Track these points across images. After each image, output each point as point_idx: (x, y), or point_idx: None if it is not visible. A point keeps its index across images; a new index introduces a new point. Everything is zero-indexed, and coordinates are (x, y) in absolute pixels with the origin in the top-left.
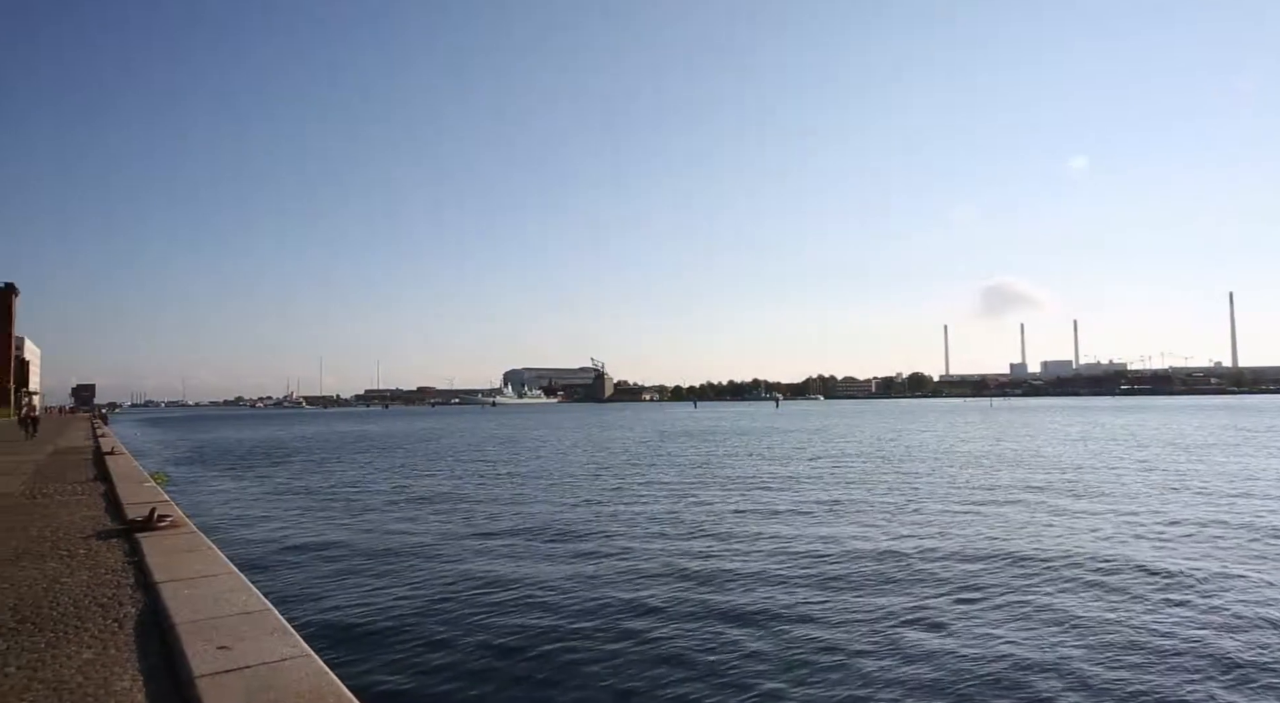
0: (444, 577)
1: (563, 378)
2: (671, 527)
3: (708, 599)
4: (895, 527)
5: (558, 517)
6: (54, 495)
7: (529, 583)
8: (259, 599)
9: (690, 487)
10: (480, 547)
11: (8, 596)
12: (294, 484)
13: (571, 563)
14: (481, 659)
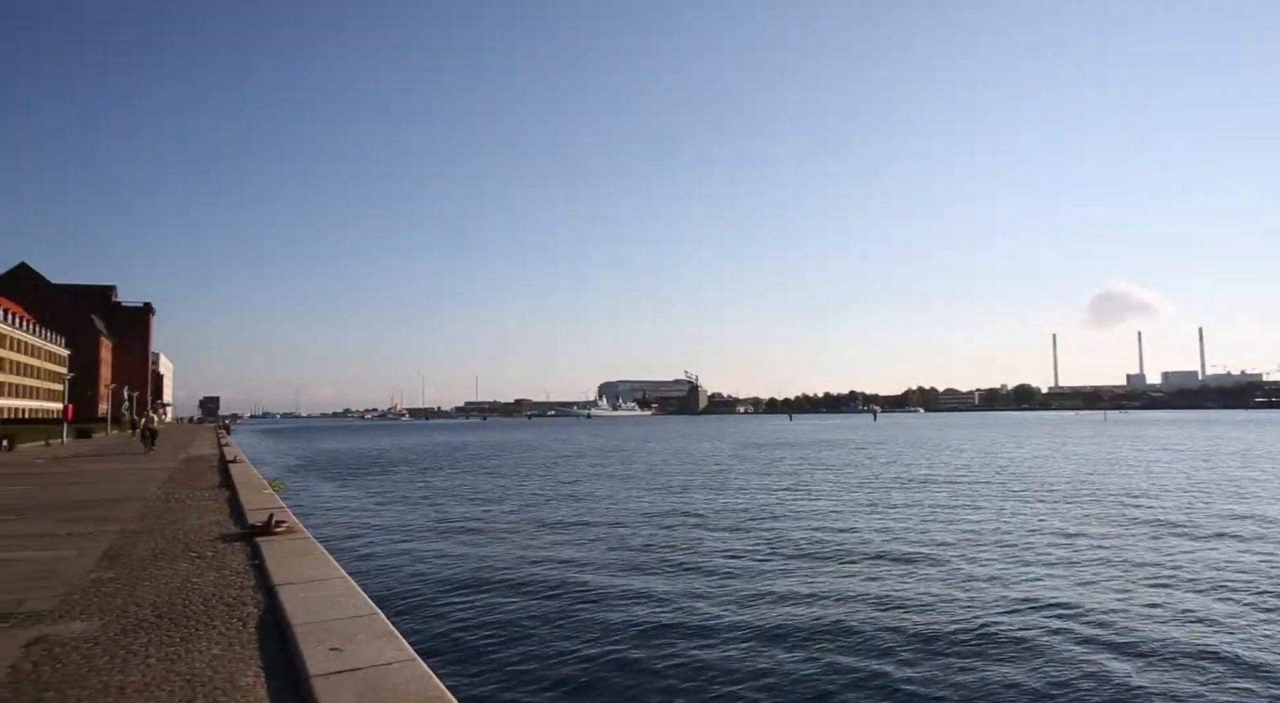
0: (540, 584)
1: (657, 390)
2: (756, 535)
3: (791, 613)
4: (984, 551)
5: (650, 526)
6: (185, 500)
7: (622, 591)
8: (367, 603)
9: (782, 496)
10: (577, 555)
11: (148, 593)
12: (396, 492)
13: (665, 572)
14: (576, 668)
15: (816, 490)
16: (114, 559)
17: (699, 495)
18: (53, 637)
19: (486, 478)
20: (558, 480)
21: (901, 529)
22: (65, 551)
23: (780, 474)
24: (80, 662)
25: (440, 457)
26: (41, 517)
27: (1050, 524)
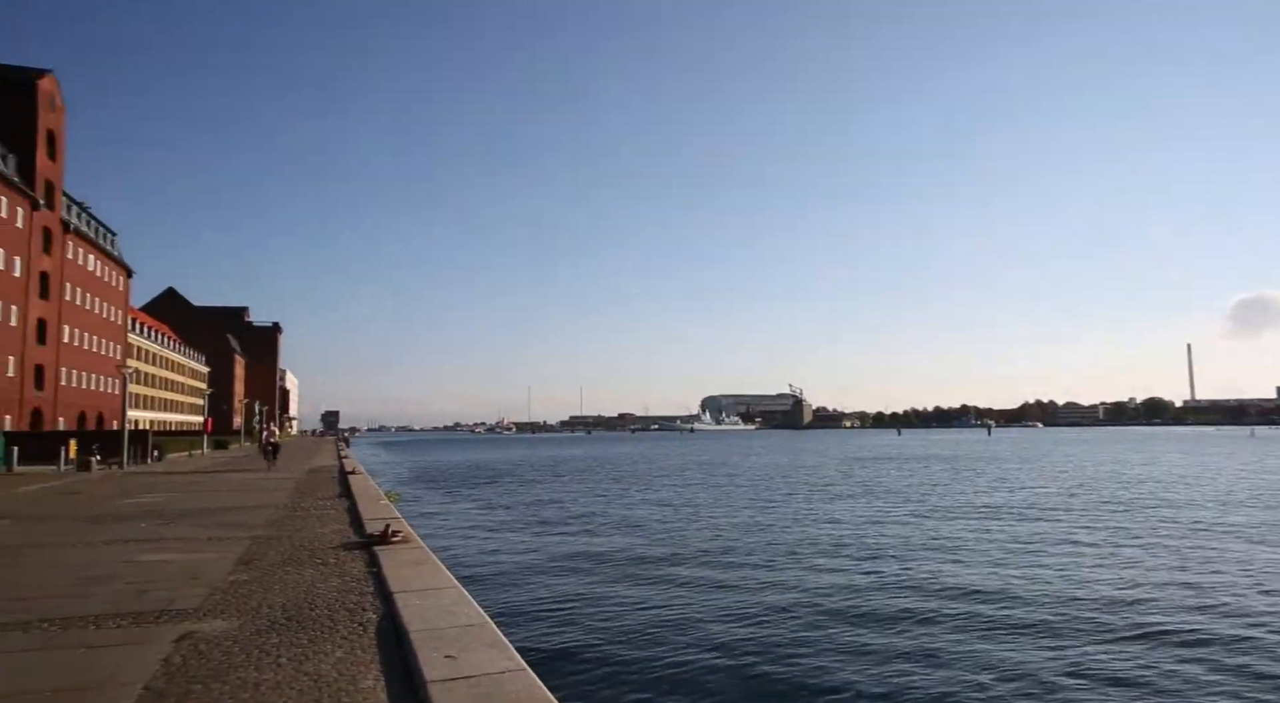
0: (642, 595)
1: (760, 404)
2: (855, 551)
3: (884, 638)
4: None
5: (752, 539)
6: (310, 509)
7: (726, 603)
8: (478, 613)
9: (885, 510)
10: (679, 568)
11: (278, 596)
12: (503, 504)
13: (766, 586)
14: (680, 680)
15: (921, 505)
16: (248, 564)
17: (800, 508)
18: (198, 633)
19: (590, 491)
20: (660, 493)
21: (1008, 547)
22: (206, 554)
23: (886, 490)
24: (221, 658)
25: (545, 469)
26: (186, 522)
27: (1203, 558)
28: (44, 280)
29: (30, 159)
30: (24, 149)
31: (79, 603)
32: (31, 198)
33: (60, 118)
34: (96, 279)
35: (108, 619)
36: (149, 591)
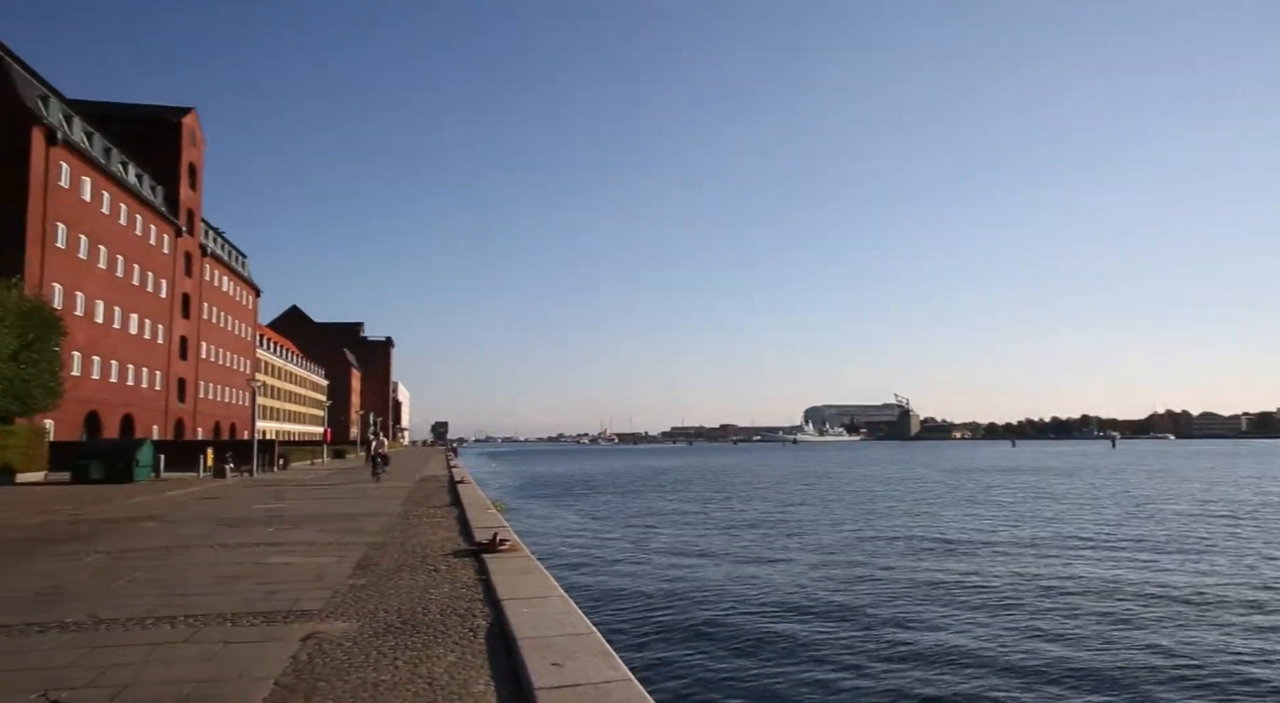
0: (744, 606)
1: (865, 415)
2: (964, 565)
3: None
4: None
5: (854, 550)
6: (422, 517)
7: (827, 614)
8: (584, 622)
9: (993, 525)
10: (780, 578)
11: (393, 600)
12: (606, 513)
13: (866, 598)
14: (780, 694)
15: (1035, 522)
16: (365, 568)
17: (903, 521)
18: (322, 633)
19: (690, 501)
20: (760, 505)
21: (1131, 570)
22: (327, 558)
23: (995, 503)
24: (343, 658)
25: (646, 480)
26: (309, 527)
27: None
28: (185, 301)
29: (174, 190)
30: (169, 181)
31: (217, 601)
32: (175, 225)
33: (200, 151)
34: (229, 299)
35: (242, 617)
36: (278, 591)
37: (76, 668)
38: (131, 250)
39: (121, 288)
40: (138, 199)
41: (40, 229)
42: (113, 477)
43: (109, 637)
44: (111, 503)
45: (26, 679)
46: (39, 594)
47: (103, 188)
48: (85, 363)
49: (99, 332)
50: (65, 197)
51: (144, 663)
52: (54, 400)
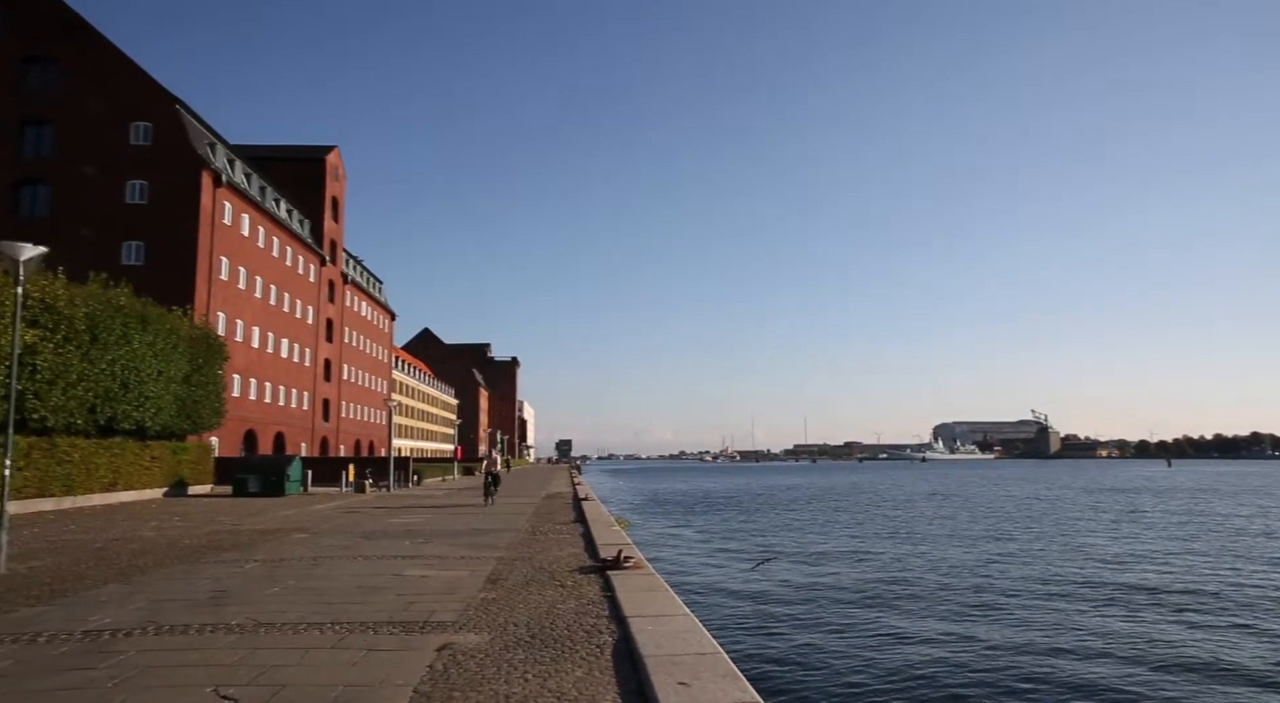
0: (871, 629)
1: (999, 432)
2: (1109, 594)
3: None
4: None
5: (983, 572)
6: (549, 533)
7: (955, 639)
8: (710, 641)
9: (1137, 550)
10: (907, 600)
11: (523, 614)
12: (729, 531)
13: (999, 624)
14: None
15: (1191, 550)
16: (495, 582)
17: (1039, 544)
18: (455, 645)
19: (813, 520)
20: (886, 523)
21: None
22: (459, 571)
23: (1143, 526)
24: (476, 669)
25: (768, 498)
26: (442, 542)
27: None
28: (329, 326)
29: (319, 222)
30: (315, 214)
31: (360, 610)
32: (320, 255)
33: (342, 186)
34: (368, 323)
35: (383, 626)
36: (415, 603)
37: (241, 668)
38: (282, 280)
39: (274, 315)
40: (288, 232)
41: (207, 263)
42: (267, 491)
43: (267, 640)
44: (265, 515)
45: (199, 674)
46: (210, 597)
47: (258, 223)
48: (244, 385)
49: (255, 356)
50: (227, 233)
51: (298, 666)
52: (218, 420)
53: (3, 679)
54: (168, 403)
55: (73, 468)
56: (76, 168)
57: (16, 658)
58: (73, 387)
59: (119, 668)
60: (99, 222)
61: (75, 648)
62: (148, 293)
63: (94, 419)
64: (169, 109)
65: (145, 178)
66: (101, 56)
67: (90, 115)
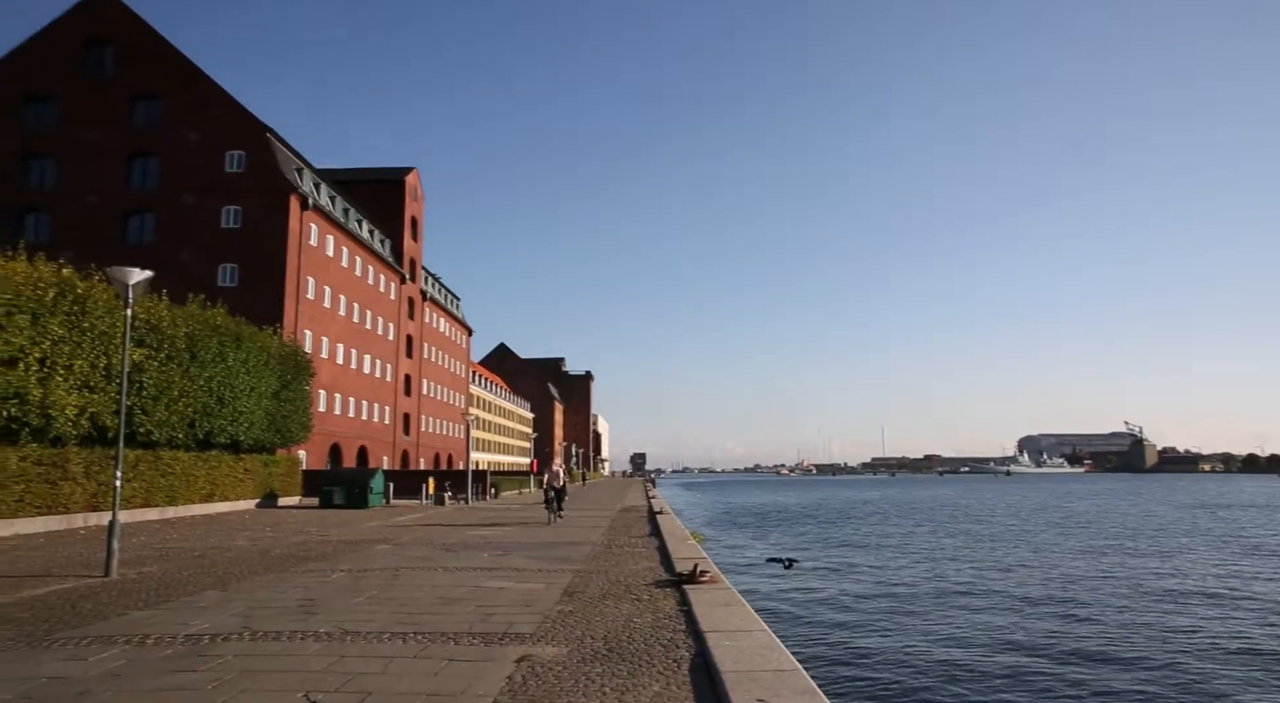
0: (953, 650)
1: (1088, 445)
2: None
3: None
4: None
5: (1072, 591)
6: (624, 547)
7: (1040, 659)
8: (789, 658)
9: (1235, 570)
10: (988, 619)
11: (600, 628)
12: (805, 545)
13: (1088, 647)
14: None
15: None
16: (572, 595)
17: (1134, 561)
18: (534, 657)
19: (892, 534)
20: (967, 538)
21: None
22: (536, 584)
23: (1249, 544)
24: (554, 681)
25: (845, 512)
26: (519, 554)
27: None
28: (409, 342)
29: (399, 242)
30: (395, 234)
31: (441, 620)
32: (400, 273)
33: (420, 206)
34: (446, 339)
35: (463, 636)
36: (493, 614)
37: (329, 674)
38: (365, 298)
39: (357, 332)
40: (369, 252)
41: (295, 283)
42: (351, 502)
43: (352, 648)
44: (350, 526)
45: (291, 680)
46: (299, 605)
47: (342, 244)
48: (329, 400)
49: (339, 372)
50: (314, 253)
51: (382, 674)
52: (306, 434)
53: (118, 679)
54: (259, 418)
55: (175, 480)
56: (178, 196)
57: (129, 658)
58: (174, 402)
59: (218, 671)
60: (197, 246)
61: (179, 651)
62: (241, 312)
63: (193, 433)
64: (260, 137)
65: (239, 203)
66: (200, 91)
67: (190, 146)
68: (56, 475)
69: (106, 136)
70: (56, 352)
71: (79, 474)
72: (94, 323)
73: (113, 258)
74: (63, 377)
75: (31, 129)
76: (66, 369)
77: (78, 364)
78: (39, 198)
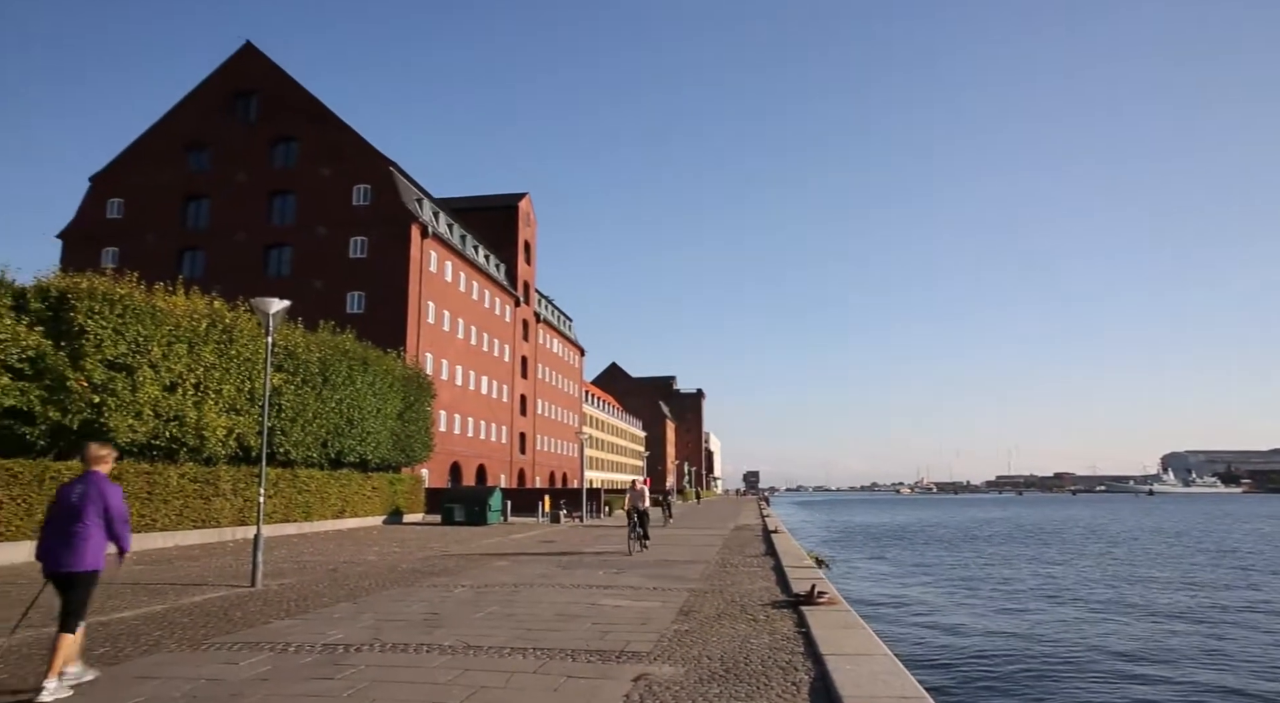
0: (1082, 681)
1: (1245, 462)
2: None
3: None
4: None
5: (1231, 623)
6: (738, 566)
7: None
8: (913, 684)
9: None
10: (1133, 648)
11: (716, 648)
12: (926, 568)
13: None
14: None
15: None
16: (687, 614)
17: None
18: (651, 675)
19: (1021, 556)
20: (1103, 561)
21: None
22: (651, 602)
23: None
24: (671, 701)
25: (969, 532)
26: (634, 572)
27: None
28: (524, 363)
29: (513, 265)
30: (509, 258)
31: (559, 637)
32: (515, 296)
33: (533, 230)
34: (559, 359)
35: (580, 653)
36: (610, 632)
37: (454, 687)
38: (482, 321)
39: (474, 354)
40: (485, 276)
41: (417, 308)
42: (471, 520)
43: (475, 662)
44: (470, 543)
45: (419, 692)
46: (424, 619)
47: (460, 269)
48: (449, 420)
49: (458, 393)
50: (433, 279)
51: (504, 688)
52: (428, 453)
53: (265, 682)
54: (385, 438)
55: (310, 497)
56: (311, 230)
57: (273, 664)
58: (309, 424)
59: (352, 680)
60: (328, 275)
61: (317, 659)
62: (367, 337)
63: (326, 453)
64: (384, 171)
65: (365, 234)
66: (332, 131)
67: (323, 183)
68: (209, 492)
69: (251, 178)
70: (208, 377)
71: (227, 491)
72: (240, 350)
73: (255, 289)
74: (214, 400)
75: (192, 174)
76: (217, 393)
77: (226, 389)
78: (195, 238)
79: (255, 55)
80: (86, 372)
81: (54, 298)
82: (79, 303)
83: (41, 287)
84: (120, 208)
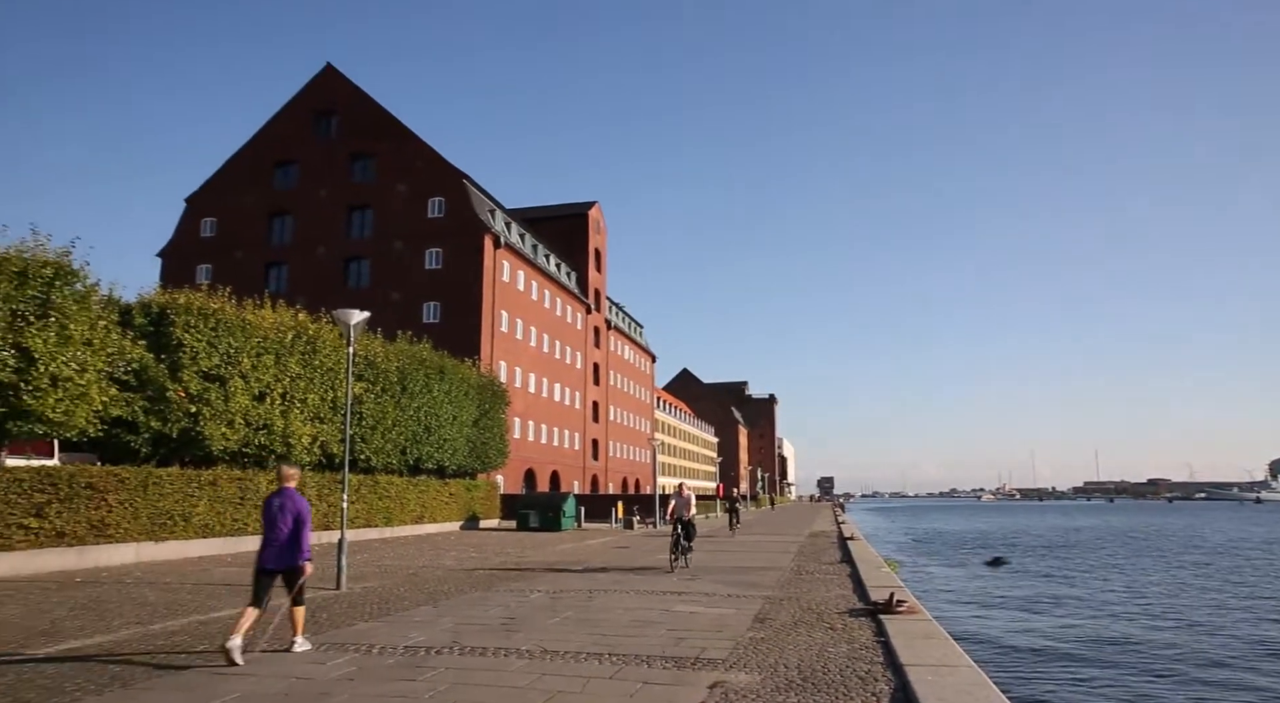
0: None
1: None
2: None
3: None
4: None
5: None
6: (814, 573)
7: None
8: (1000, 697)
9: None
10: (1230, 662)
11: (792, 655)
12: (1009, 576)
13: None
14: None
15: None
16: (763, 621)
17: None
18: (727, 683)
19: (1113, 566)
20: (1206, 572)
21: None
22: (726, 609)
23: None
24: None
25: (1055, 540)
26: (708, 578)
27: None
28: (595, 370)
29: (584, 273)
30: (580, 266)
31: (634, 643)
32: (586, 304)
33: (603, 238)
34: (630, 366)
35: (656, 660)
36: (685, 638)
37: (531, 691)
38: (554, 328)
39: (546, 361)
40: (556, 284)
41: (490, 317)
42: (545, 525)
43: (552, 666)
44: (545, 548)
45: (498, 695)
46: (501, 624)
47: (531, 278)
48: (523, 427)
49: (531, 400)
50: (506, 288)
51: (580, 693)
52: (503, 459)
53: (351, 682)
54: (461, 445)
55: (390, 502)
56: (389, 243)
57: (358, 665)
58: (389, 431)
59: (433, 682)
60: (405, 286)
61: (399, 661)
62: (443, 346)
63: (405, 459)
64: (458, 184)
65: (440, 246)
66: (407, 147)
67: (399, 197)
68: None
69: (332, 194)
70: (294, 387)
71: (312, 497)
72: (323, 360)
73: (336, 302)
74: (299, 409)
75: (276, 192)
76: (302, 402)
77: (311, 398)
78: (280, 253)
79: (335, 76)
80: (184, 382)
81: (155, 313)
82: (177, 317)
83: (144, 302)
84: (213, 226)
